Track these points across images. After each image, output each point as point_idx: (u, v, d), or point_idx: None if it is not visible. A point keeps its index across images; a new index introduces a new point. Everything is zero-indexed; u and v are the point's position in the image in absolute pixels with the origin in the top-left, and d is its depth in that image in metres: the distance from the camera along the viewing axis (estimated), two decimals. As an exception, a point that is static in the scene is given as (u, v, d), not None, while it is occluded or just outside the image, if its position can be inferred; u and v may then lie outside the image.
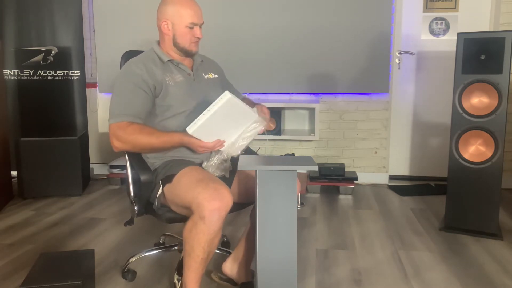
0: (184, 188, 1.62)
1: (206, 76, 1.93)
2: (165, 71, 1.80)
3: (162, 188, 1.71)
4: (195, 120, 1.60)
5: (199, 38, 1.83)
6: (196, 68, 1.90)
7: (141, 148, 1.75)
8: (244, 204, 1.87)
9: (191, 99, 1.80)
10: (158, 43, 1.89)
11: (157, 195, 1.72)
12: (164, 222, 1.79)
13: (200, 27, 1.83)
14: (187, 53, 1.85)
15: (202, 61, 1.95)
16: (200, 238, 1.54)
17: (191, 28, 1.79)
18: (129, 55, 1.97)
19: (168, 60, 1.82)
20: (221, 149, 1.71)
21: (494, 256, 2.29)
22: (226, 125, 1.67)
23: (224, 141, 1.69)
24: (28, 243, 2.46)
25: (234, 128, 1.72)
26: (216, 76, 1.99)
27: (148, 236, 2.56)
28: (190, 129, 1.60)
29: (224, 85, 2.01)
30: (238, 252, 1.92)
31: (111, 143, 1.72)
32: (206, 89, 1.88)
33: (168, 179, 1.69)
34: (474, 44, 2.49)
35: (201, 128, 1.61)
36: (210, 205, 1.49)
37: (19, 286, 1.59)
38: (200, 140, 1.65)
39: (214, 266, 2.12)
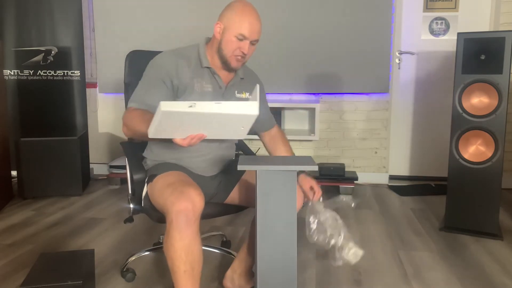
0: (156, 193, 1.59)
1: (238, 95, 1.79)
2: (196, 76, 1.70)
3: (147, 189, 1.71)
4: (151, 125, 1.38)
5: (244, 54, 1.67)
6: (232, 84, 1.77)
7: (139, 135, 1.61)
8: (243, 207, 1.85)
9: None
10: (207, 41, 1.77)
11: (143, 196, 1.72)
12: (155, 222, 1.77)
13: (253, 44, 1.69)
14: (226, 65, 1.71)
15: (242, 78, 1.82)
16: (174, 246, 1.45)
17: (240, 40, 1.65)
18: (134, 55, 1.96)
19: (206, 67, 1.72)
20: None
21: (494, 256, 2.29)
22: (199, 126, 1.40)
23: (202, 135, 1.43)
24: (28, 243, 2.46)
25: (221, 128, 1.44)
26: (250, 96, 1.82)
27: (148, 235, 2.56)
28: (149, 134, 1.40)
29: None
30: (237, 262, 1.87)
31: None
32: None
33: (150, 179, 1.69)
34: (474, 44, 2.49)
35: (159, 133, 1.39)
36: (175, 207, 1.43)
37: (19, 286, 1.59)
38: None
39: (218, 275, 2.11)
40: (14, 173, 3.33)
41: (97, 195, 3.44)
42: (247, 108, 1.33)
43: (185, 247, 1.46)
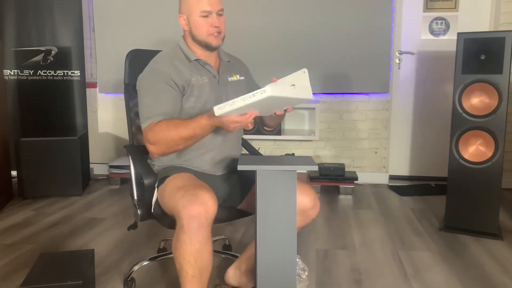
0: (166, 197, 1.55)
1: (230, 79, 1.81)
2: (192, 71, 1.70)
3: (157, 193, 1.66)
4: (224, 104, 1.41)
5: (217, 28, 1.66)
6: (222, 70, 1.79)
7: (174, 144, 1.59)
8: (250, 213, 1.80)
9: (213, 103, 1.64)
10: (184, 38, 1.77)
11: (153, 201, 1.67)
12: (167, 228, 1.71)
13: (220, 15, 1.67)
14: (208, 47, 1.70)
15: (229, 61, 1.84)
16: (184, 251, 1.42)
17: (206, 16, 1.64)
18: (134, 54, 1.93)
19: (195, 60, 1.71)
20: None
21: (494, 256, 2.29)
22: (263, 107, 1.49)
23: (256, 112, 1.48)
24: (28, 243, 2.46)
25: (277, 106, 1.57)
26: (241, 78, 1.86)
27: (149, 236, 2.56)
28: (218, 111, 1.42)
29: (250, 86, 1.89)
30: (242, 260, 1.84)
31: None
32: (229, 92, 1.77)
33: (161, 182, 1.64)
34: (474, 44, 2.48)
35: (230, 113, 1.44)
36: (187, 212, 1.38)
37: (19, 286, 1.59)
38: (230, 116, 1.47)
39: (218, 275, 2.11)
40: (14, 173, 3.33)
41: (97, 195, 3.44)
42: (305, 93, 1.50)
43: (194, 252, 1.42)
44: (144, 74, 1.70)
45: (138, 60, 1.91)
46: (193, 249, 1.41)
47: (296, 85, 1.53)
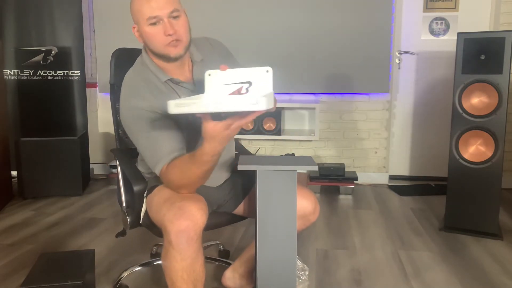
0: (153, 209, 1.47)
1: None
2: (170, 93, 1.47)
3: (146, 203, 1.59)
4: (183, 100, 1.16)
5: (172, 36, 1.38)
6: (197, 74, 1.52)
7: (190, 183, 1.42)
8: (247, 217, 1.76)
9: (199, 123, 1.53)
10: (145, 51, 1.54)
11: (142, 211, 1.60)
12: (157, 236, 1.60)
13: (175, 17, 1.38)
14: (167, 59, 1.44)
15: (202, 59, 1.55)
16: (175, 267, 1.33)
17: (154, 24, 1.38)
18: (120, 53, 1.84)
19: (168, 79, 1.48)
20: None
21: (494, 256, 2.29)
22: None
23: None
24: (28, 243, 2.46)
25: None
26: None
27: (150, 236, 2.55)
28: (174, 109, 1.15)
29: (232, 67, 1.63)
30: (240, 263, 1.82)
31: None
32: None
33: (150, 191, 1.57)
34: (474, 44, 2.48)
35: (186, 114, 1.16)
36: (174, 227, 1.29)
37: (19, 286, 1.59)
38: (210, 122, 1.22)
39: (216, 277, 2.11)
40: (14, 173, 3.33)
41: (97, 195, 3.44)
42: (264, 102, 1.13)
43: (187, 267, 1.34)
44: (124, 111, 1.48)
45: (123, 60, 1.82)
46: (185, 265, 1.33)
47: (253, 85, 1.29)
